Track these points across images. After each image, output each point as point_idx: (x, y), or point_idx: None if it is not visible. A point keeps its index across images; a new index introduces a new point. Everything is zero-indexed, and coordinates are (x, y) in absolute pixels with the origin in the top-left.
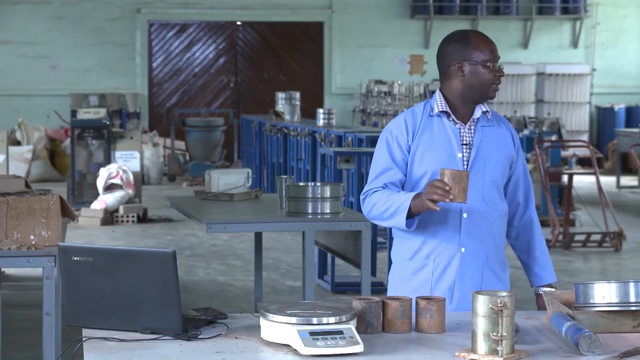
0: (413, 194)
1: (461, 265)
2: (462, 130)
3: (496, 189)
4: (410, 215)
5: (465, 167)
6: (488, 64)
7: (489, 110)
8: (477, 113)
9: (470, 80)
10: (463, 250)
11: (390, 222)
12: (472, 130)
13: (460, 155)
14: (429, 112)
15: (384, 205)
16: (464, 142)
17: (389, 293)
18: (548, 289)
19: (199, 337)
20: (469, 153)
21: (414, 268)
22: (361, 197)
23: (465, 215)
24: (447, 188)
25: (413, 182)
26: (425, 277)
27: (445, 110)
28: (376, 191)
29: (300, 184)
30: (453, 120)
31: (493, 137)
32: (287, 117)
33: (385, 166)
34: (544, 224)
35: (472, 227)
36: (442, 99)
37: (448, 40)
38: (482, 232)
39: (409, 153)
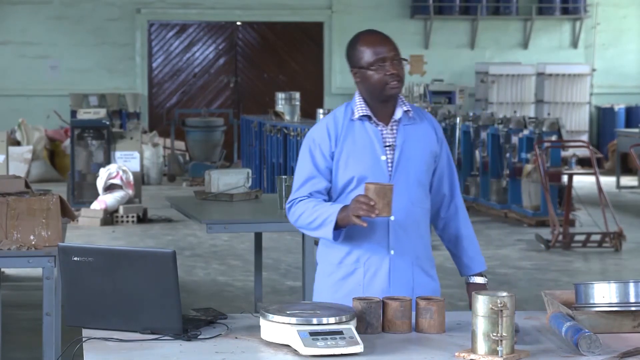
0: (340, 206)
1: (392, 267)
2: (384, 132)
3: (422, 187)
4: (336, 227)
5: (390, 168)
6: (373, 66)
7: (410, 108)
8: (398, 113)
9: (365, 84)
10: (392, 252)
11: (317, 233)
12: (395, 131)
13: (384, 157)
14: (350, 117)
15: (310, 215)
16: (387, 144)
17: (316, 299)
18: (478, 280)
19: (199, 337)
20: (393, 155)
21: (344, 273)
22: (286, 206)
23: (392, 217)
24: (372, 203)
25: (340, 188)
26: (356, 281)
27: (365, 114)
28: (302, 200)
29: None
30: (375, 122)
31: (416, 136)
32: (287, 117)
33: (309, 174)
34: (544, 224)
35: (400, 228)
36: (362, 102)
37: (346, 47)
38: (410, 233)
39: (332, 160)
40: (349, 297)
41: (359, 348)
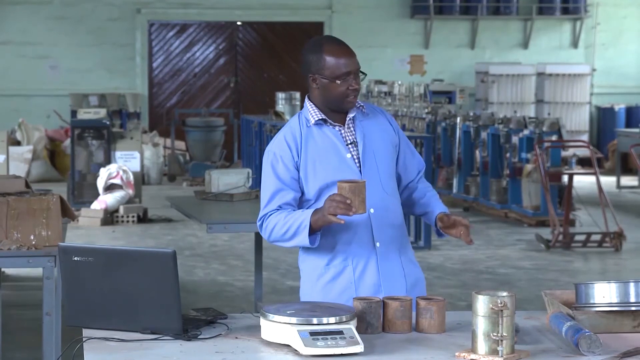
0: (311, 211)
1: (380, 259)
2: (342, 132)
3: (391, 177)
4: (311, 232)
5: (357, 164)
6: (338, 80)
7: (362, 104)
8: (352, 111)
9: (324, 93)
10: (378, 244)
11: (292, 242)
12: (352, 129)
13: (349, 155)
14: (306, 124)
15: (283, 227)
16: (349, 142)
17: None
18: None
19: (199, 337)
20: (357, 150)
21: (333, 273)
22: (258, 223)
23: (372, 210)
24: (348, 202)
25: (314, 195)
26: (347, 279)
27: (321, 117)
28: (272, 214)
29: None
30: (331, 124)
31: (374, 129)
32: (287, 117)
33: (274, 188)
34: (544, 224)
35: (381, 220)
36: (314, 107)
37: (305, 50)
38: (390, 223)
39: (298, 170)
40: (342, 296)
41: (359, 348)
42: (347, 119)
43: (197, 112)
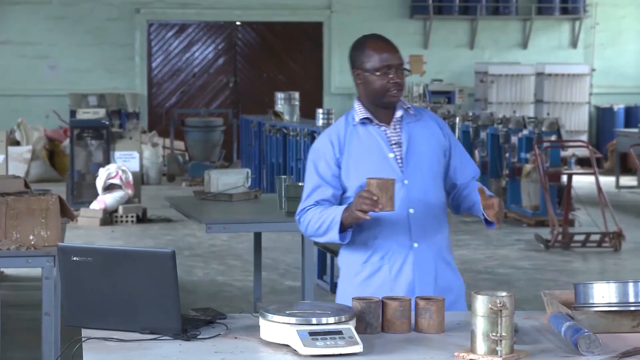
0: (343, 207)
1: (416, 260)
2: (387, 132)
3: (435, 180)
4: (343, 228)
5: (400, 165)
6: (378, 72)
7: (410, 106)
8: (399, 112)
9: (367, 87)
10: (416, 245)
11: (325, 238)
12: (398, 130)
13: (392, 155)
14: (352, 123)
15: (317, 222)
16: (393, 142)
17: (339, 300)
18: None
19: (198, 337)
20: (401, 151)
21: (370, 271)
22: (296, 217)
23: (411, 210)
24: (374, 198)
25: (354, 193)
26: (382, 278)
27: (366, 116)
28: (309, 209)
29: (300, 184)
30: (377, 124)
31: (421, 131)
32: (286, 117)
33: (314, 184)
34: (543, 224)
35: (420, 221)
36: (361, 107)
37: (350, 48)
38: (429, 225)
39: (339, 167)
40: (376, 294)
41: (359, 348)
42: (394, 119)
43: (196, 112)
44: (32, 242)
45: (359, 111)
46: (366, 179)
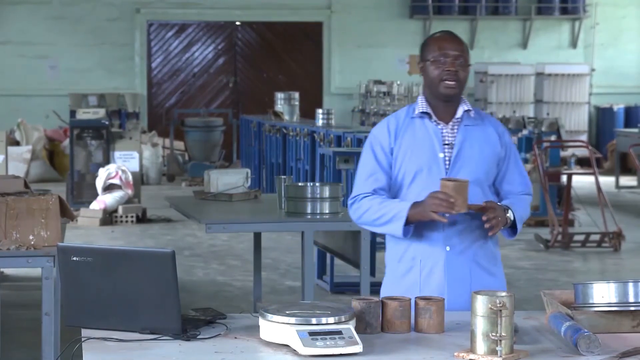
0: (409, 203)
1: (447, 264)
2: (444, 131)
3: (479, 186)
4: (406, 223)
5: (447, 166)
6: (432, 58)
7: (471, 108)
8: (459, 112)
9: (426, 78)
10: (448, 249)
11: (383, 229)
12: (455, 130)
13: (442, 155)
14: (411, 115)
15: (377, 212)
16: (446, 142)
17: (381, 295)
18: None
19: (198, 337)
20: (451, 153)
21: (403, 270)
22: (349, 201)
23: (447, 214)
24: (451, 200)
25: (398, 183)
26: (413, 278)
27: (425, 111)
28: (365, 197)
29: (299, 184)
30: (435, 121)
31: (477, 136)
32: (286, 117)
33: (371, 170)
34: (543, 224)
35: (456, 225)
36: (424, 101)
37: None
38: (465, 229)
39: (392, 155)
40: (408, 293)
41: (358, 348)
42: (454, 118)
43: (196, 112)
44: (32, 242)
45: (421, 104)
46: (440, 179)
